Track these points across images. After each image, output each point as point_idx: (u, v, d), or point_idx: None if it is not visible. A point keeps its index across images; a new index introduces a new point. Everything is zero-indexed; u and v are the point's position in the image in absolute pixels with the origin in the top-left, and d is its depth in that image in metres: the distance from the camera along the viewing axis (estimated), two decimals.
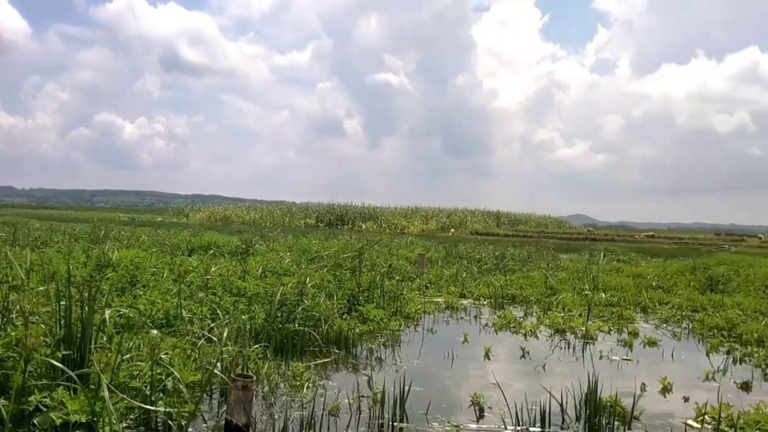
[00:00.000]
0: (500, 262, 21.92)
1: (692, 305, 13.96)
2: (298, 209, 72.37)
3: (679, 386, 7.43)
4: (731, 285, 16.79)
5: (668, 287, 17.23)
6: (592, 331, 10.75)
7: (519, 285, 16.10)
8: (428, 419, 5.90)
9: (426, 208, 72.13)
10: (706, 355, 9.58)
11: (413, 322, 11.45)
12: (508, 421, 5.83)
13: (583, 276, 17.95)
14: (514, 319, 11.77)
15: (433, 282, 16.70)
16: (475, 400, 6.43)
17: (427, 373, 7.97)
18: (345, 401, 6.21)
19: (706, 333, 11.16)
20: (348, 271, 12.92)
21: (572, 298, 14.04)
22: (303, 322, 8.87)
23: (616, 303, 14.02)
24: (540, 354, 9.16)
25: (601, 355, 9.24)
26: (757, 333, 10.57)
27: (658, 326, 12.06)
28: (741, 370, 8.59)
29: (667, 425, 5.87)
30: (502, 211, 77.20)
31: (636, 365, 8.77)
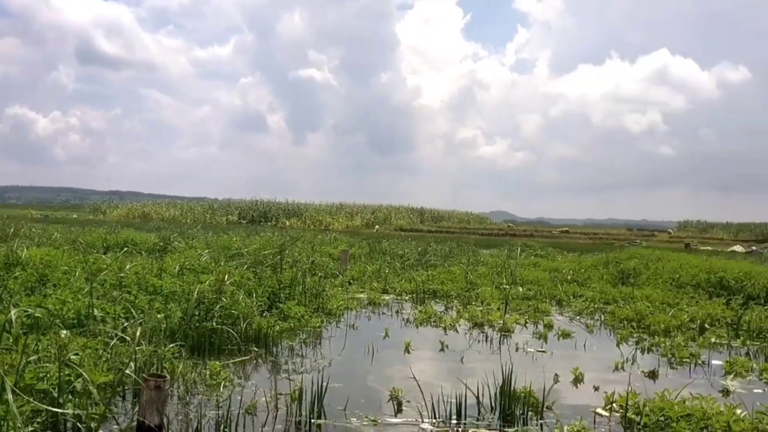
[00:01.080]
0: (423, 258, 22.17)
1: (604, 298, 14.49)
2: (219, 206, 71.11)
3: (591, 376, 7.69)
4: (641, 278, 17.51)
5: (582, 281, 17.82)
6: (510, 324, 11.01)
7: (440, 280, 16.31)
8: (346, 415, 5.91)
9: (351, 205, 72.20)
10: (617, 345, 9.95)
11: (335, 318, 11.44)
12: (425, 415, 5.90)
13: (502, 270, 18.34)
14: (435, 313, 11.93)
15: (356, 278, 16.72)
16: (394, 394, 6.48)
17: (348, 369, 7.99)
18: (262, 399, 6.15)
19: (617, 324, 11.59)
20: (269, 268, 12.79)
21: (491, 292, 14.34)
22: (221, 321, 8.72)
23: (533, 296, 14.40)
24: (459, 347, 9.30)
25: (517, 348, 9.47)
26: (663, 324, 11.06)
27: (572, 319, 12.47)
28: (649, 360, 8.97)
29: (577, 414, 6.05)
30: (426, 208, 78.06)
31: (550, 357, 9.04)
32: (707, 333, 10.81)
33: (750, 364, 8.48)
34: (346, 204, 72.43)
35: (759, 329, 11.02)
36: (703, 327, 11.21)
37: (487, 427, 5.76)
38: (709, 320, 11.55)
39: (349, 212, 68.23)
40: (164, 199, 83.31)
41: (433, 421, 5.80)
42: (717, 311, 12.06)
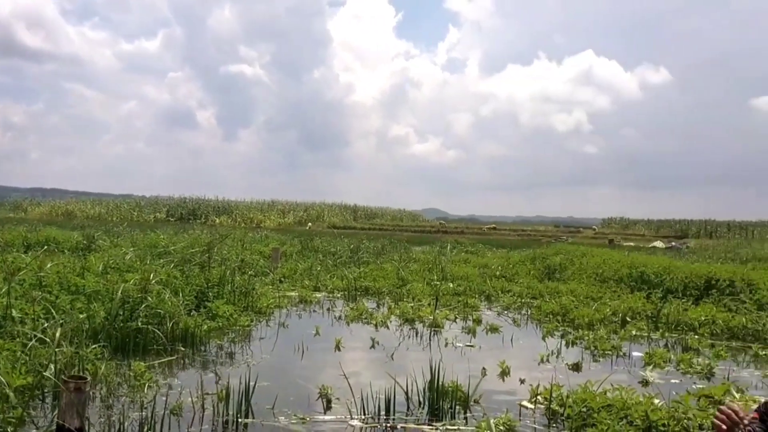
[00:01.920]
0: (355, 255, 22.20)
1: (531, 293, 14.83)
2: (147, 203, 69.44)
3: (517, 369, 7.85)
4: (567, 273, 18.00)
5: (511, 276, 18.20)
6: (440, 319, 11.13)
7: (372, 277, 16.36)
8: (275, 413, 5.86)
9: (283, 202, 71.67)
10: (543, 339, 10.20)
11: (265, 317, 11.32)
12: (354, 412, 5.90)
13: (433, 267, 18.55)
14: (366, 310, 11.95)
15: (287, 276, 16.60)
16: (323, 392, 6.46)
17: (277, 367, 7.92)
18: (189, 400, 6.03)
19: (543, 318, 11.88)
20: (197, 267, 12.55)
21: (422, 289, 14.48)
22: (146, 320, 8.50)
23: (463, 292, 14.60)
24: (390, 343, 9.35)
25: (446, 343, 9.59)
26: (587, 317, 11.38)
27: (500, 313, 12.71)
28: (573, 352, 9.22)
29: (504, 407, 6.15)
30: (359, 205, 78.24)
31: (478, 351, 9.19)
32: (628, 326, 11.20)
33: (668, 355, 8.82)
34: (278, 201, 71.87)
35: (677, 321, 11.47)
36: (624, 320, 11.60)
37: (416, 422, 5.81)
38: (630, 313, 11.96)
39: (281, 210, 67.70)
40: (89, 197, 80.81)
41: (362, 417, 5.82)
42: (638, 305, 12.49)
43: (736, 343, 10.29)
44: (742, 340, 10.49)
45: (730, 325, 11.03)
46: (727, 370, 8.19)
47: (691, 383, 7.50)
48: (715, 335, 10.72)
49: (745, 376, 8.12)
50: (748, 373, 8.30)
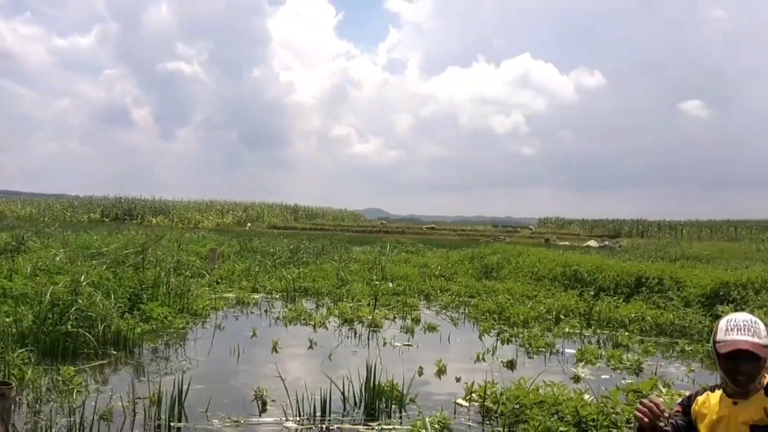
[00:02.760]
0: (294, 256, 22.06)
1: (469, 291, 15.02)
2: (81, 203, 67.38)
3: (454, 368, 7.93)
4: (503, 272, 18.31)
5: (449, 275, 18.40)
6: (379, 319, 11.16)
7: (312, 277, 16.30)
8: (208, 416, 5.78)
9: (222, 202, 70.63)
10: (479, 337, 10.34)
11: (201, 318, 11.15)
12: (290, 413, 5.87)
13: (373, 267, 18.60)
14: (305, 311, 11.90)
15: (224, 277, 16.38)
16: (258, 394, 6.40)
17: (212, 370, 7.81)
18: (119, 404, 5.88)
19: (480, 317, 12.04)
20: (131, 268, 12.25)
21: (362, 289, 14.50)
22: (77, 323, 8.27)
23: (402, 292, 14.68)
24: (328, 344, 9.33)
25: (384, 342, 9.62)
26: (522, 315, 11.60)
27: (439, 312, 12.84)
28: (508, 350, 9.37)
29: (440, 405, 6.22)
30: (300, 205, 77.76)
31: (416, 350, 9.26)
32: (562, 323, 11.46)
33: (599, 352, 9.06)
34: (217, 201, 70.79)
35: (608, 319, 11.80)
36: (558, 317, 11.86)
37: (351, 422, 5.81)
38: (564, 311, 12.24)
39: (220, 210, 66.71)
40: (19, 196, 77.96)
41: (297, 419, 5.79)
42: (571, 302, 12.80)
43: (664, 339, 10.64)
44: (669, 336, 10.85)
45: (658, 322, 11.40)
46: (655, 366, 8.45)
47: (621, 379, 7.71)
48: (644, 332, 11.06)
49: (672, 371, 8.40)
50: (675, 368, 8.60)
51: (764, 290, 11.90)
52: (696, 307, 12.25)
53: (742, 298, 11.73)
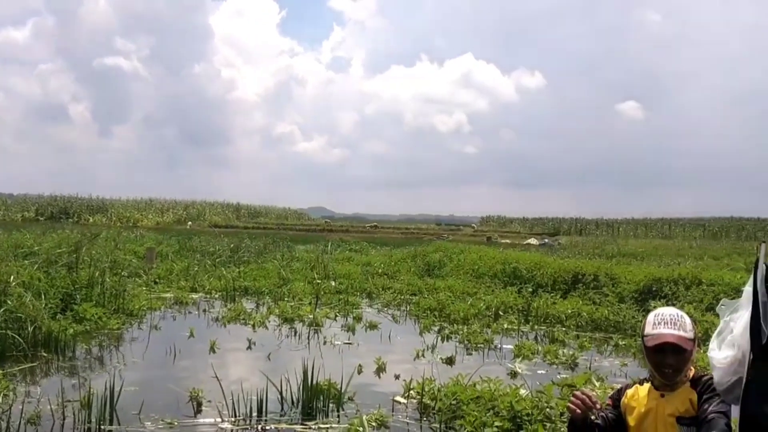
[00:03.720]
0: (235, 255, 21.79)
1: (411, 289, 15.09)
2: (14, 201, 65.08)
3: (393, 365, 7.95)
4: (445, 270, 18.47)
5: (392, 274, 18.46)
6: (320, 318, 11.11)
7: (253, 277, 16.14)
8: (141, 419, 5.64)
9: (162, 201, 69.24)
10: (420, 334, 10.40)
11: (137, 319, 10.90)
12: (226, 414, 5.78)
13: (316, 266, 18.51)
14: (245, 310, 11.76)
15: (162, 277, 16.06)
16: (194, 394, 6.28)
17: (147, 371, 7.66)
18: (48, 408, 5.70)
19: (421, 314, 12.11)
20: (64, 268, 11.88)
21: (304, 288, 14.41)
22: (5, 325, 7.98)
23: (345, 290, 14.64)
24: (268, 344, 9.24)
25: (325, 341, 9.59)
26: (463, 312, 11.72)
27: (381, 310, 12.87)
28: (448, 347, 9.44)
29: (377, 402, 6.22)
30: (243, 204, 76.86)
31: (357, 348, 9.25)
32: (501, 319, 11.64)
33: (536, 347, 9.22)
34: (157, 200, 69.35)
35: (546, 315, 12.03)
36: (497, 314, 12.03)
37: (288, 422, 5.77)
38: (503, 307, 12.42)
39: (160, 208, 65.42)
40: None
41: (233, 419, 5.71)
42: (510, 299, 13.00)
43: (599, 334, 10.90)
44: (604, 331, 11.12)
45: (594, 317, 11.66)
46: (590, 360, 8.65)
47: (556, 373, 7.86)
48: (580, 327, 11.31)
49: (605, 365, 8.60)
50: (609, 363, 8.80)
51: (694, 286, 12.32)
52: (630, 302, 12.61)
53: (673, 294, 12.11)
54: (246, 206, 76.82)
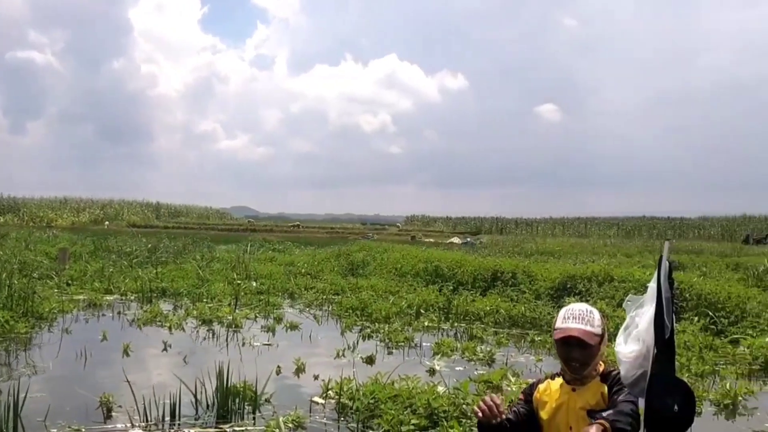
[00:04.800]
0: (153, 255, 21.23)
1: (334, 289, 15.05)
2: None
3: (313, 366, 7.88)
4: (369, 269, 18.52)
5: (316, 273, 18.38)
6: (239, 319, 10.95)
7: (171, 277, 15.75)
8: (47, 426, 5.42)
9: (77, 200, 66.92)
10: (341, 334, 10.38)
11: (47, 322, 10.46)
12: (137, 419, 5.61)
13: (237, 266, 18.23)
14: (161, 312, 11.46)
15: (75, 278, 15.47)
16: (104, 400, 6.08)
17: (56, 376, 7.35)
18: None
19: (343, 314, 12.08)
20: None
21: (223, 288, 14.16)
22: None
23: (266, 291, 14.46)
24: (184, 346, 9.04)
25: (244, 342, 9.44)
26: (384, 311, 11.77)
27: (303, 310, 12.78)
28: (369, 346, 9.45)
29: (296, 404, 6.17)
30: (163, 203, 75.13)
31: (276, 349, 9.15)
32: (422, 317, 11.74)
33: (455, 344, 9.34)
34: (72, 198, 66.95)
35: (465, 312, 12.22)
36: (419, 312, 12.14)
37: (203, 425, 5.65)
38: (424, 306, 12.54)
39: (75, 207, 63.17)
40: None
41: (144, 424, 5.54)
42: (431, 297, 13.14)
43: (516, 330, 11.14)
44: (521, 327, 11.37)
45: (511, 314, 11.92)
46: (507, 356, 8.83)
47: (474, 370, 7.99)
48: (498, 324, 11.54)
49: (521, 361, 8.79)
50: (525, 358, 9.00)
51: (606, 283, 12.77)
52: (546, 299, 12.98)
53: (586, 290, 12.52)
54: (166, 205, 75.12)
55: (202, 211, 79.95)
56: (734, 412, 6.60)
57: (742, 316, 10.67)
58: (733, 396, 6.79)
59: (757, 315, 10.67)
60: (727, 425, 6.21)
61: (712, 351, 9.03)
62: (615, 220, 70.86)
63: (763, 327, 10.08)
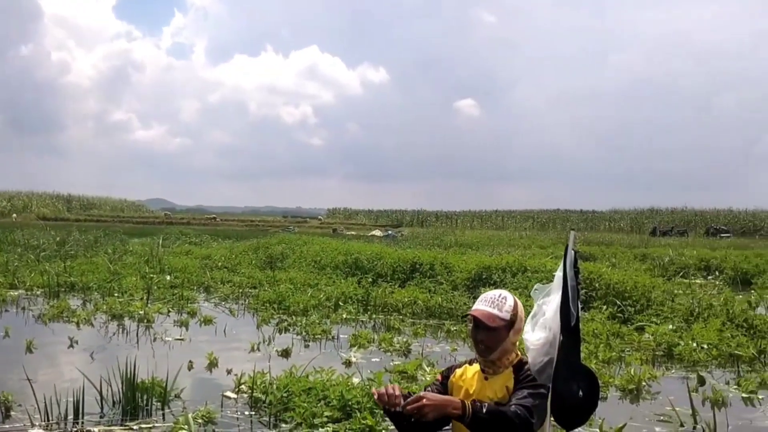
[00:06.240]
0: (62, 249, 20.41)
1: (252, 282, 14.83)
2: None
3: (226, 360, 7.71)
4: (288, 261, 18.36)
5: (233, 266, 18.08)
6: (151, 314, 10.65)
7: (81, 271, 15.18)
8: None
9: None
10: (257, 327, 10.23)
11: None
12: (38, 418, 5.36)
13: (151, 259, 17.74)
14: (69, 307, 11.02)
15: None
16: (2, 399, 5.77)
17: None
18: None
19: (260, 307, 11.90)
20: None
21: (136, 282, 13.74)
22: None
23: (180, 284, 14.10)
24: (92, 342, 8.72)
25: (155, 337, 9.19)
26: (302, 304, 11.67)
27: (218, 304, 12.53)
28: (285, 339, 9.33)
29: (207, 399, 6.02)
30: (74, 195, 72.42)
31: (189, 344, 8.94)
32: (340, 309, 11.71)
33: (372, 336, 9.37)
34: None
35: (384, 303, 12.28)
36: (337, 304, 12.10)
37: (108, 423, 5.45)
38: (343, 298, 12.50)
39: None
40: None
41: (45, 423, 5.30)
42: (350, 289, 13.12)
43: (433, 321, 11.27)
44: (438, 317, 11.51)
45: (429, 305, 12.05)
46: (423, 346, 8.91)
47: (390, 360, 8.02)
48: (416, 315, 11.65)
49: (437, 350, 8.89)
50: (440, 348, 9.11)
51: (520, 273, 13.10)
52: (462, 290, 13.19)
53: (501, 281, 12.78)
54: (78, 198, 72.49)
55: (116, 203, 77.46)
56: (638, 396, 6.87)
57: (647, 305, 11.14)
58: (637, 381, 7.06)
59: (661, 303, 11.18)
60: (631, 409, 6.45)
61: (618, 338, 9.38)
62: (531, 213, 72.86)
63: (666, 315, 10.56)
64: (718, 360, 8.55)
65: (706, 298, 11.72)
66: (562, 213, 72.68)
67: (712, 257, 23.01)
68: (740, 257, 22.62)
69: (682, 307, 11.06)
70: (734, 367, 8.20)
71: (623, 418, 5.72)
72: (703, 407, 6.24)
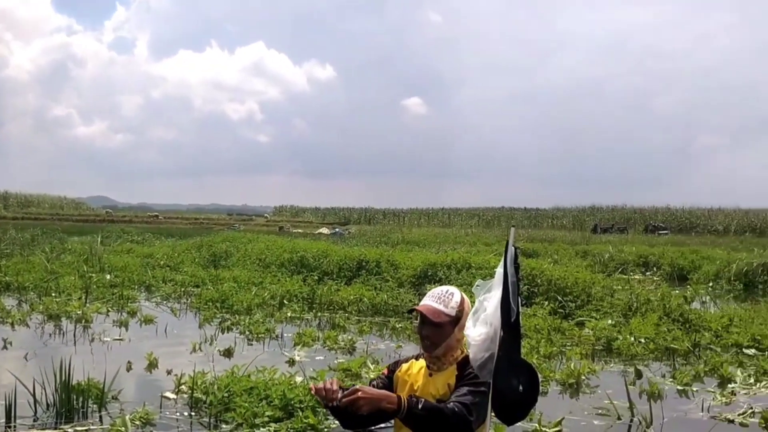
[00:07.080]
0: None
1: (194, 281, 14.57)
2: None
3: (167, 360, 7.55)
4: (232, 260, 18.13)
5: (175, 265, 17.75)
6: (89, 314, 10.39)
7: (15, 271, 14.69)
8: None
9: None
10: (199, 327, 10.06)
11: None
12: None
13: (90, 258, 17.29)
14: (3, 308, 10.66)
15: None
16: None
17: None
18: None
19: (203, 306, 11.70)
20: None
21: (74, 282, 13.36)
22: None
23: (120, 284, 13.77)
24: (27, 344, 8.47)
25: (93, 338, 8.97)
26: (246, 302, 11.53)
27: (159, 303, 12.29)
28: (228, 338, 9.20)
29: (146, 400, 5.89)
30: (11, 192, 70.15)
31: (128, 344, 8.75)
32: (285, 308, 11.62)
33: (317, 334, 9.32)
34: None
35: (329, 301, 12.23)
36: (282, 303, 12.00)
37: (41, 426, 5.28)
38: (288, 296, 12.41)
39: None
40: None
41: None
42: (295, 287, 13.03)
43: (378, 318, 11.28)
44: (384, 315, 11.52)
45: (374, 302, 12.05)
46: (368, 344, 8.91)
47: (335, 358, 7.99)
48: (361, 312, 11.65)
49: (382, 348, 8.91)
50: (385, 345, 9.13)
51: (464, 269, 13.23)
52: (408, 287, 13.26)
53: (446, 277, 12.88)
54: (15, 195, 70.22)
55: (55, 201, 75.21)
56: (578, 390, 7.00)
57: (587, 300, 11.38)
58: (577, 375, 7.20)
59: (600, 299, 11.43)
60: (571, 403, 6.57)
61: (559, 333, 9.55)
62: (476, 210, 73.60)
63: (606, 310, 10.80)
64: (655, 354, 8.78)
65: (644, 294, 12.03)
66: (507, 211, 73.62)
67: (651, 254, 23.67)
68: (677, 254, 23.30)
69: (621, 302, 11.34)
70: (670, 361, 8.45)
71: (563, 412, 5.82)
72: (640, 400, 6.39)
